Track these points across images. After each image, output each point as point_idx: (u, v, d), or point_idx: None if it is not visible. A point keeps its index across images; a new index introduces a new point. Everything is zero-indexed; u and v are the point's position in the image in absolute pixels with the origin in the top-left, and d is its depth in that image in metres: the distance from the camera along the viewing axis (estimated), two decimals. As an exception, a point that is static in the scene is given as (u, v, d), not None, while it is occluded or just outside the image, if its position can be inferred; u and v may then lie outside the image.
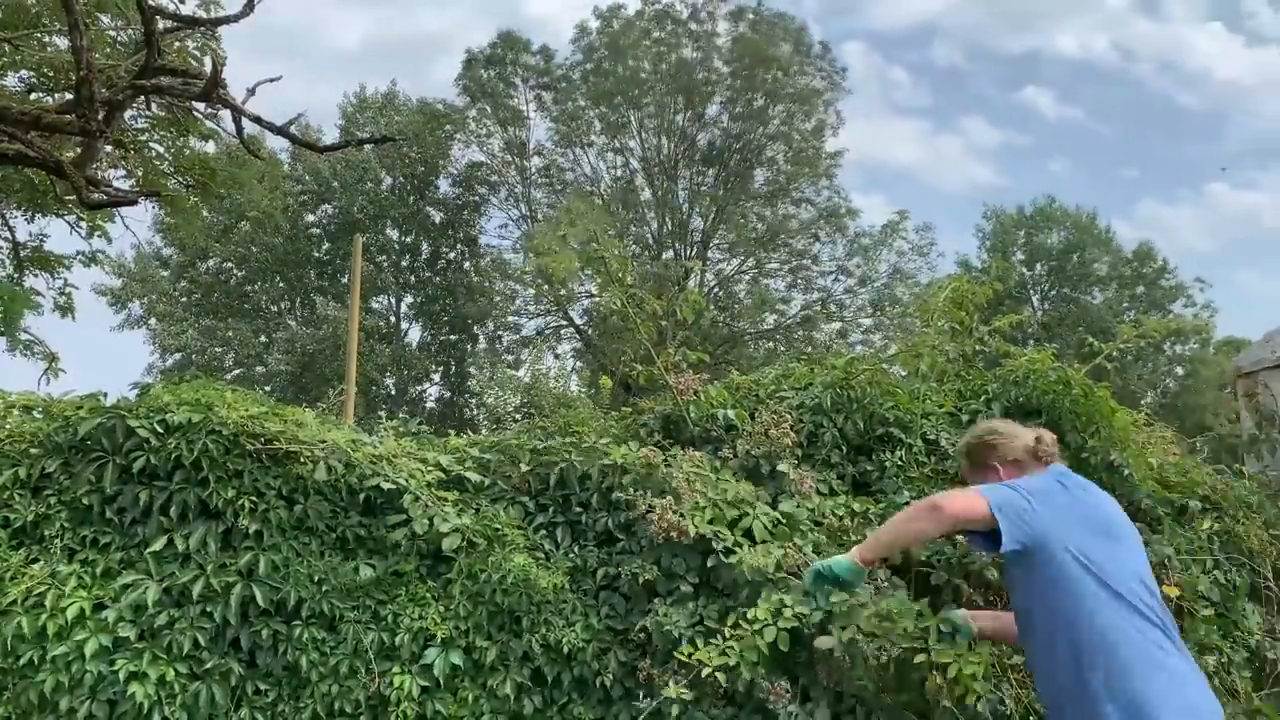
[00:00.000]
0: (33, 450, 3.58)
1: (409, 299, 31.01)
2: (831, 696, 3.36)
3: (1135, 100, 51.40)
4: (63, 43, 8.67)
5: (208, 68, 7.07)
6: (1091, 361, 4.42)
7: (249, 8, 6.50)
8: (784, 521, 3.66)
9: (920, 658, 2.99)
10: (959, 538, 3.58)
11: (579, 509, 3.82)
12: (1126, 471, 4.07)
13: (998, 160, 52.35)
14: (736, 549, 3.48)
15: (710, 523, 3.54)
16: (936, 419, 4.21)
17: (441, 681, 3.45)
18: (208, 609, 3.42)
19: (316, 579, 3.49)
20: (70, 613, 3.25)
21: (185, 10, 7.84)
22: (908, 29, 51.25)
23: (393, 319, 30.77)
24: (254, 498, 3.53)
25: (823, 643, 3.17)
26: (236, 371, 27.15)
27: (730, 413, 4.09)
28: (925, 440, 4.13)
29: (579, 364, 29.63)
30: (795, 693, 3.32)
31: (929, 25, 49.60)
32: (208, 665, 3.38)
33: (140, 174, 10.11)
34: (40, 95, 8.86)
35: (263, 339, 27.80)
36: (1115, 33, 51.79)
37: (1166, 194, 57.01)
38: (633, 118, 28.08)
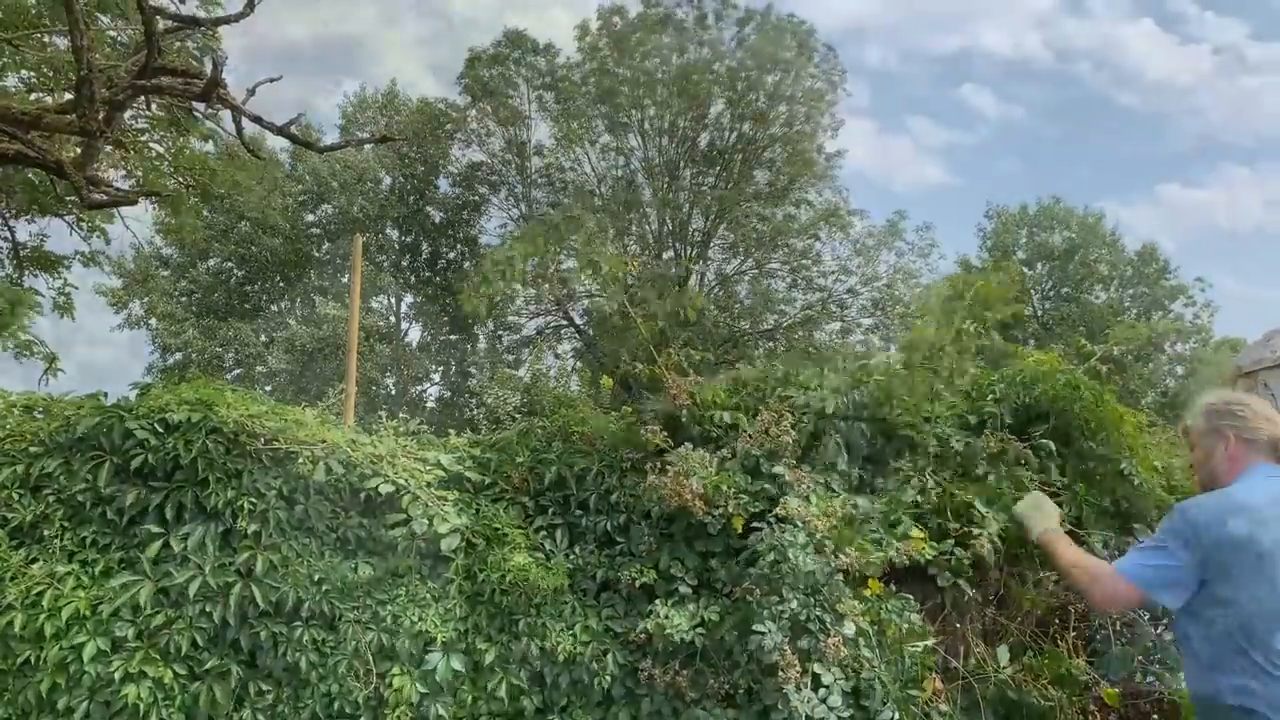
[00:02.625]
0: (33, 449, 3.57)
1: (409, 299, 31.02)
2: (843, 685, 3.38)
3: (1078, 100, 51.02)
4: (63, 43, 8.66)
5: (208, 68, 7.07)
6: (1085, 364, 4.42)
7: (249, 7, 6.50)
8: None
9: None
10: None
11: (579, 511, 3.81)
12: (1137, 481, 4.08)
13: (946, 160, 51.85)
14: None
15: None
16: (944, 420, 4.22)
17: (442, 684, 3.44)
18: (207, 609, 3.41)
19: (316, 579, 3.48)
20: (67, 613, 3.25)
21: (185, 10, 7.85)
22: (838, 30, 50.91)
23: (393, 319, 30.78)
24: (254, 498, 3.52)
25: None
26: (237, 371, 27.16)
27: (727, 415, 4.08)
28: (937, 439, 4.13)
29: (579, 364, 29.61)
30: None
31: (857, 27, 49.14)
32: (207, 665, 3.37)
33: (140, 174, 10.11)
34: (40, 95, 8.84)
35: (263, 338, 27.81)
36: (1045, 32, 51.40)
37: (1118, 194, 56.71)
38: (634, 117, 28.05)
